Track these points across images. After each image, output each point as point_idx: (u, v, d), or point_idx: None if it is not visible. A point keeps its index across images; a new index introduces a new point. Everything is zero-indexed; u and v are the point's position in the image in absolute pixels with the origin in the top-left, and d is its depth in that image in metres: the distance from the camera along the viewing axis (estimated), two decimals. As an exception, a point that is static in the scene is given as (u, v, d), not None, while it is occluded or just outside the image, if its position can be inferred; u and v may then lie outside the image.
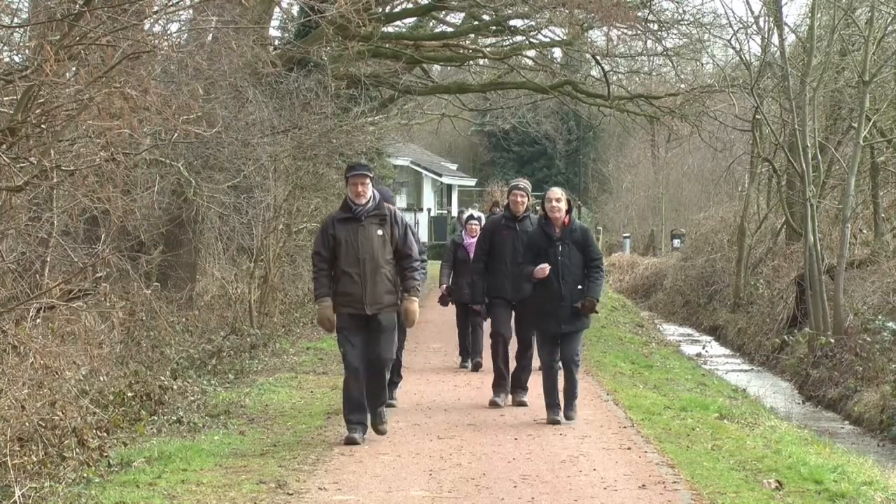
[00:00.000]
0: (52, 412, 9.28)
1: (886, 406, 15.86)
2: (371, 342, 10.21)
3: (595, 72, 27.14)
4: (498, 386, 12.47)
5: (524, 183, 12.85)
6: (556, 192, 11.28)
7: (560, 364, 11.25)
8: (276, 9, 21.93)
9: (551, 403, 11.23)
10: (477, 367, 15.21)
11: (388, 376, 10.46)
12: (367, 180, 10.22)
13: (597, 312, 11.35)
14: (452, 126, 38.01)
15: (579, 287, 11.07)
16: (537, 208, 13.03)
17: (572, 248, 11.10)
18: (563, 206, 11.15)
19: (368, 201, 10.20)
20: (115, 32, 8.96)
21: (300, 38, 21.10)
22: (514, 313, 12.49)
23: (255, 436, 10.65)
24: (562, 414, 11.22)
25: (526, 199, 12.62)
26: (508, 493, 8.46)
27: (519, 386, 12.38)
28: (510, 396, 12.42)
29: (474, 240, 14.82)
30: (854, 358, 18.21)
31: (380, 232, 10.18)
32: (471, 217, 16.22)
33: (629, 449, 10.02)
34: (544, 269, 11.02)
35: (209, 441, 10.29)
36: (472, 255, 14.44)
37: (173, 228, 17.36)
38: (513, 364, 12.43)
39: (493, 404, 12.30)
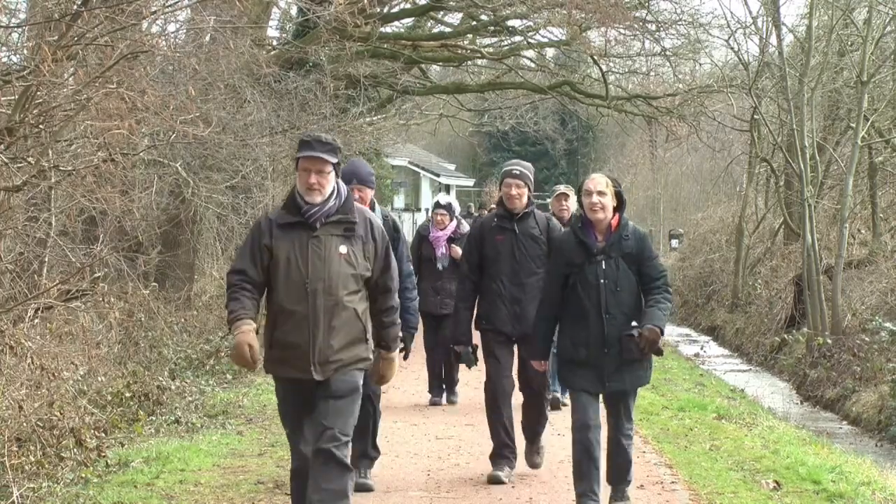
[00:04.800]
0: (50, 412, 9.28)
1: (884, 406, 15.85)
2: (317, 413, 6.39)
3: (593, 72, 27.12)
4: (500, 456, 8.81)
5: (520, 167, 8.74)
6: (598, 182, 7.42)
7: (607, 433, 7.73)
8: (275, 9, 21.94)
9: (586, 492, 7.53)
10: (452, 402, 12.76)
11: (346, 461, 6.40)
12: (329, 168, 6.37)
13: (661, 353, 7.50)
14: (451, 126, 37.97)
15: (633, 323, 7.35)
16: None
17: (622, 264, 7.39)
18: (609, 201, 7.40)
19: (329, 199, 6.40)
20: (113, 33, 8.97)
21: (298, 38, 21.09)
22: (515, 353, 8.84)
23: (253, 436, 10.65)
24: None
25: (524, 190, 8.66)
26: (506, 493, 8.46)
27: (530, 441, 9.04)
28: (517, 460, 8.97)
29: (442, 233, 12.25)
30: (852, 358, 18.19)
31: (343, 249, 6.36)
32: (437, 204, 12.37)
33: (627, 449, 10.01)
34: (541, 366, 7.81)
35: (207, 441, 10.30)
36: (438, 253, 12.28)
37: (171, 229, 17.35)
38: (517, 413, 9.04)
39: (495, 479, 8.71)
